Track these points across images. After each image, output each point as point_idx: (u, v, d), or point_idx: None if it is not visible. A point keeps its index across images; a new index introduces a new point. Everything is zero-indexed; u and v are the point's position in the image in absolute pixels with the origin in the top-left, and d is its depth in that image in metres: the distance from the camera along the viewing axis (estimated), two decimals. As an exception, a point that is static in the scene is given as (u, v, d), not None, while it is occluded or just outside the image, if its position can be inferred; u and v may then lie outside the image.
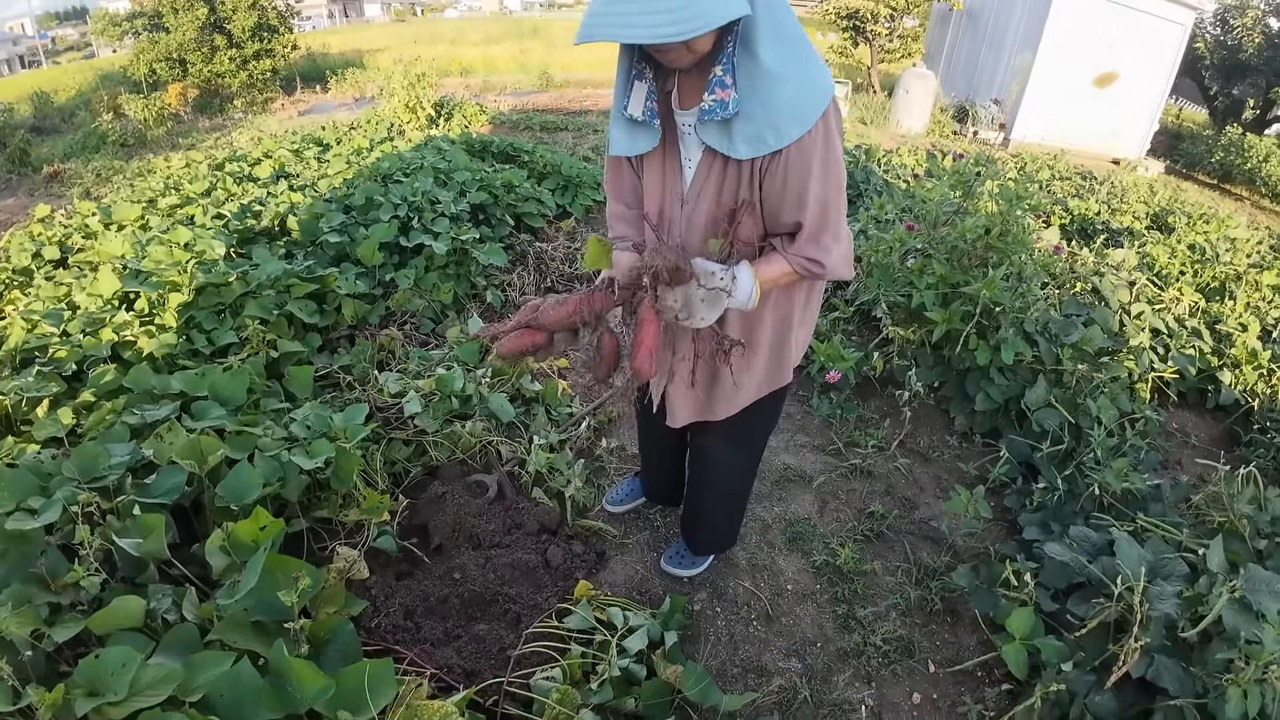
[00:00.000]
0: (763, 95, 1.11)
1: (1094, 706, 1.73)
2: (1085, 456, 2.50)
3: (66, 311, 2.92)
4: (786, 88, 1.10)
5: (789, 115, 1.12)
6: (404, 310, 3.07)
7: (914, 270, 2.86)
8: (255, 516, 1.58)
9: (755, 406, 1.62)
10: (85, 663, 1.20)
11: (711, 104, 1.14)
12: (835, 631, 2.00)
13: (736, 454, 1.79)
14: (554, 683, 1.65)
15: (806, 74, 1.12)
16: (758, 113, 1.13)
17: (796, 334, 1.54)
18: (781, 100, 1.11)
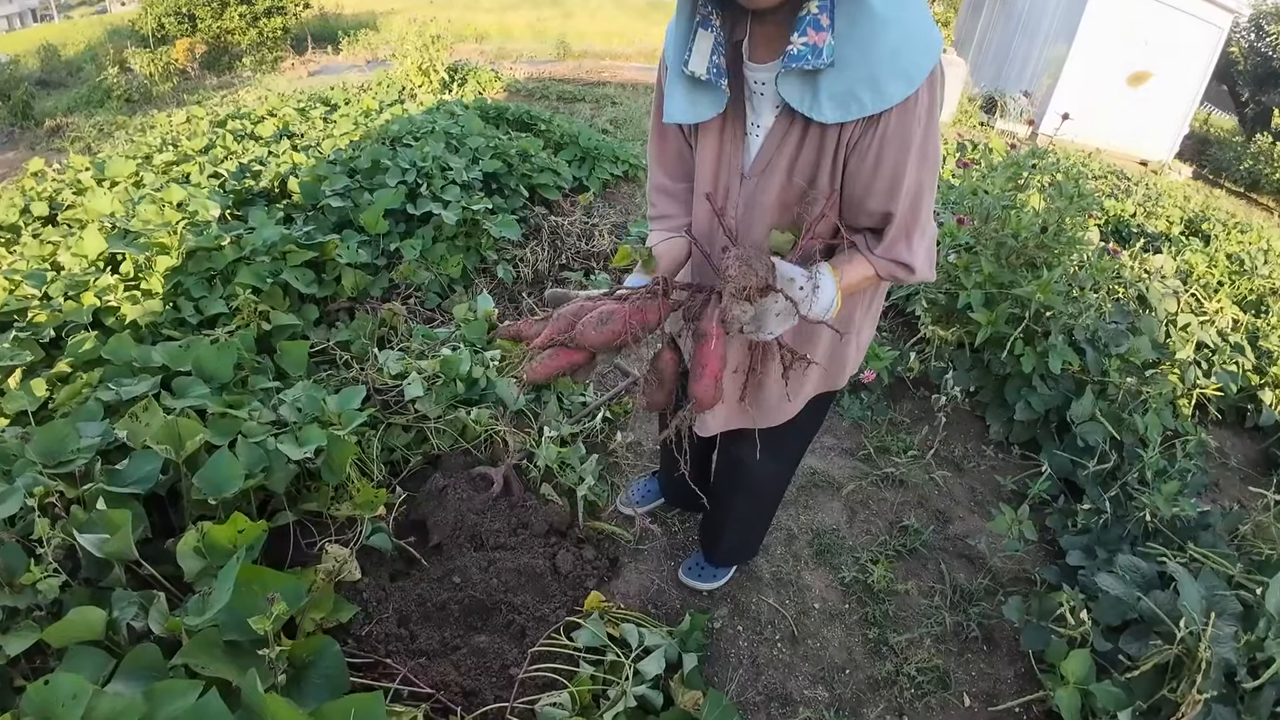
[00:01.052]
0: (863, 39, 0.89)
1: None
2: (1130, 476, 2.33)
3: (50, 272, 2.74)
4: (893, 31, 0.89)
5: (891, 67, 0.90)
6: (409, 283, 2.88)
7: (959, 267, 2.67)
8: (233, 520, 1.40)
9: (801, 412, 1.43)
10: (34, 689, 1.03)
11: (802, 48, 0.91)
12: (865, 657, 1.84)
13: (772, 461, 1.57)
14: (562, 710, 1.48)
15: (920, 16, 0.90)
16: (855, 61, 0.90)
17: (859, 337, 1.35)
18: (886, 47, 0.89)
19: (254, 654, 1.19)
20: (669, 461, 1.94)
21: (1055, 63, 10.60)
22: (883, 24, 0.89)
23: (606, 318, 0.96)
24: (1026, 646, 1.81)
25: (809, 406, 1.44)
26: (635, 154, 4.73)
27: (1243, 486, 2.77)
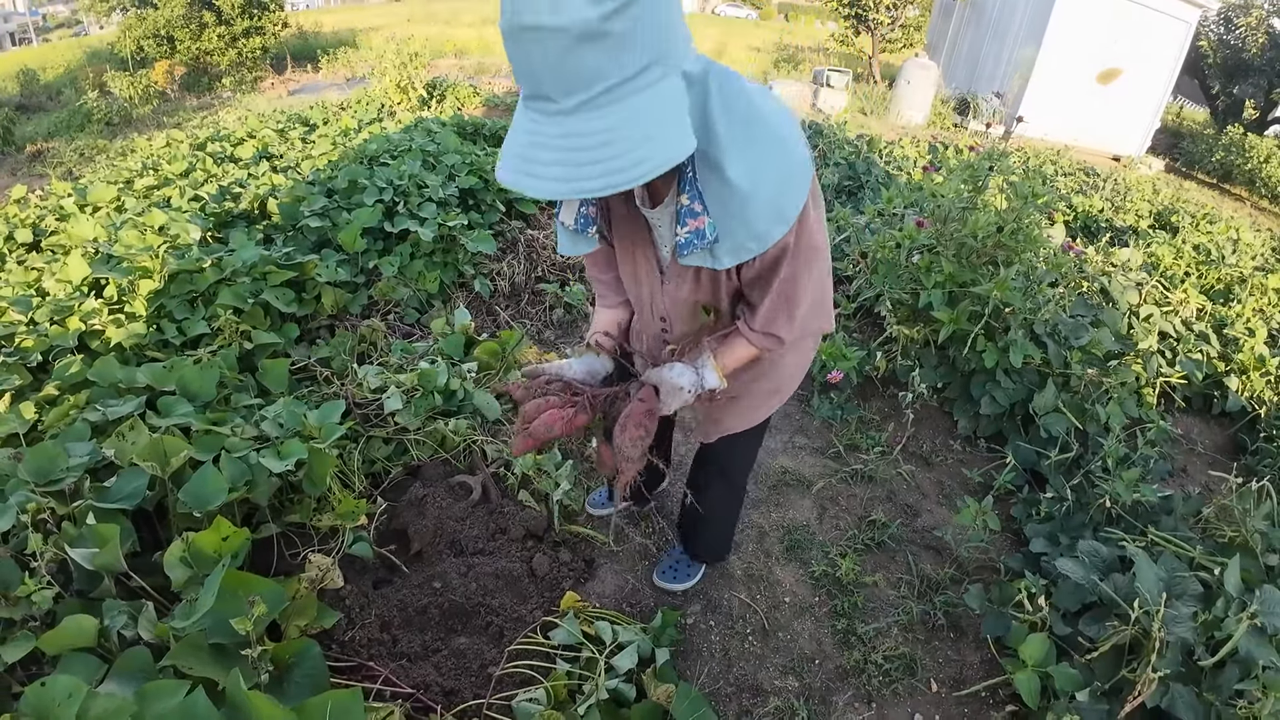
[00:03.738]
0: (736, 211, 0.98)
1: None
2: (1093, 465, 2.41)
3: (36, 298, 2.79)
4: (764, 192, 0.96)
5: (771, 218, 0.99)
6: (387, 299, 2.94)
7: (920, 267, 2.75)
8: (217, 527, 1.47)
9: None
10: (32, 691, 1.08)
11: (688, 236, 1.01)
12: (834, 648, 1.91)
13: (746, 457, 1.74)
14: (538, 705, 1.55)
15: (783, 164, 0.97)
16: (736, 228, 0.99)
17: (799, 357, 1.50)
18: (760, 209, 0.97)
19: (239, 655, 1.25)
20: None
21: (1025, 63, 10.81)
22: (748, 195, 0.95)
23: (551, 425, 1.19)
24: (987, 632, 1.89)
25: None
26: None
27: (1209, 472, 2.85)
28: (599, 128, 0.79)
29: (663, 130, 0.81)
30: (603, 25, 0.74)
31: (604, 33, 0.75)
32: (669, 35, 0.82)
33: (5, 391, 2.22)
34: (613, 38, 0.75)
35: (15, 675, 1.34)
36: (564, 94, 0.79)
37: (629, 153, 0.79)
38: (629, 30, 0.76)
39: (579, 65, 0.76)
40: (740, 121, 0.93)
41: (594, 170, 0.79)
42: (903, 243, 2.75)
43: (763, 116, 0.94)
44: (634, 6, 0.75)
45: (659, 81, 0.81)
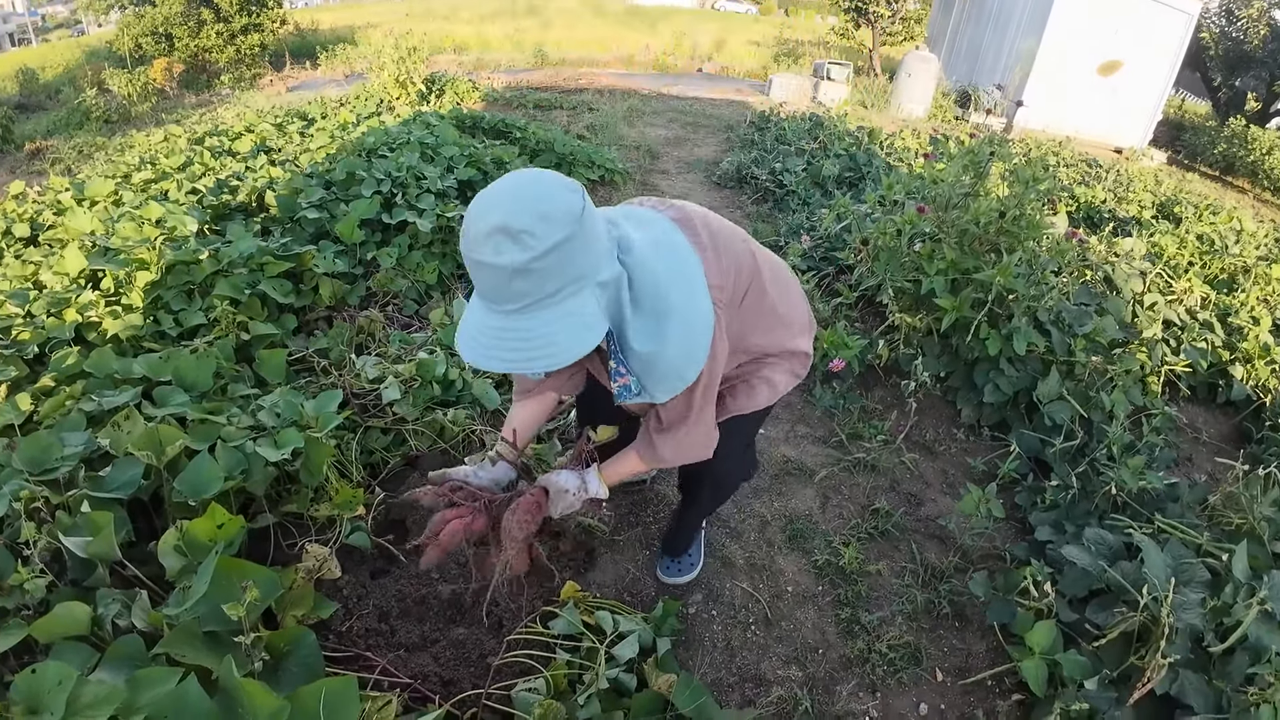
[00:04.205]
0: (654, 369, 1.24)
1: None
2: (1098, 453, 2.39)
3: (33, 291, 2.78)
4: (671, 354, 1.21)
5: (687, 367, 1.25)
6: (386, 291, 2.92)
7: (922, 255, 2.73)
8: (211, 514, 1.45)
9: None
10: (22, 678, 1.06)
11: (620, 390, 1.30)
12: (838, 637, 1.88)
13: (709, 477, 1.73)
14: (537, 695, 1.53)
15: (682, 340, 1.22)
16: (660, 380, 1.26)
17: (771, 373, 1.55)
18: (672, 364, 1.23)
19: (232, 643, 1.23)
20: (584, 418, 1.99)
21: (1026, 55, 10.76)
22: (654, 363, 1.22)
23: (455, 533, 1.43)
24: (992, 620, 1.87)
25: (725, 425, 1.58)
26: (611, 159, 4.79)
27: (1215, 460, 2.83)
28: (524, 327, 1.08)
29: (569, 333, 1.09)
30: (529, 265, 1.02)
31: (530, 270, 1.03)
32: (587, 261, 1.09)
33: (1, 383, 2.21)
34: (536, 273, 1.03)
35: (8, 664, 1.33)
36: (501, 303, 1.08)
37: (543, 346, 1.08)
38: (549, 267, 1.03)
39: (511, 288, 1.05)
40: (646, 311, 1.18)
41: (518, 356, 1.08)
42: (904, 229, 2.72)
43: (666, 305, 1.19)
44: (554, 253, 1.03)
45: (574, 296, 1.09)
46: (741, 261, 1.37)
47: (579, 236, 1.05)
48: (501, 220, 1.01)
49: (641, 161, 5.32)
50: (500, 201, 1.04)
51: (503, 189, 1.06)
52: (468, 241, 1.05)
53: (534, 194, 1.04)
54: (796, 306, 1.55)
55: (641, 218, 1.29)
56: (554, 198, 1.04)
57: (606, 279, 1.13)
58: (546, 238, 1.02)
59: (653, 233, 1.25)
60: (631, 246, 1.19)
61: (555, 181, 1.08)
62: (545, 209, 1.03)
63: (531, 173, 1.09)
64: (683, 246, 1.26)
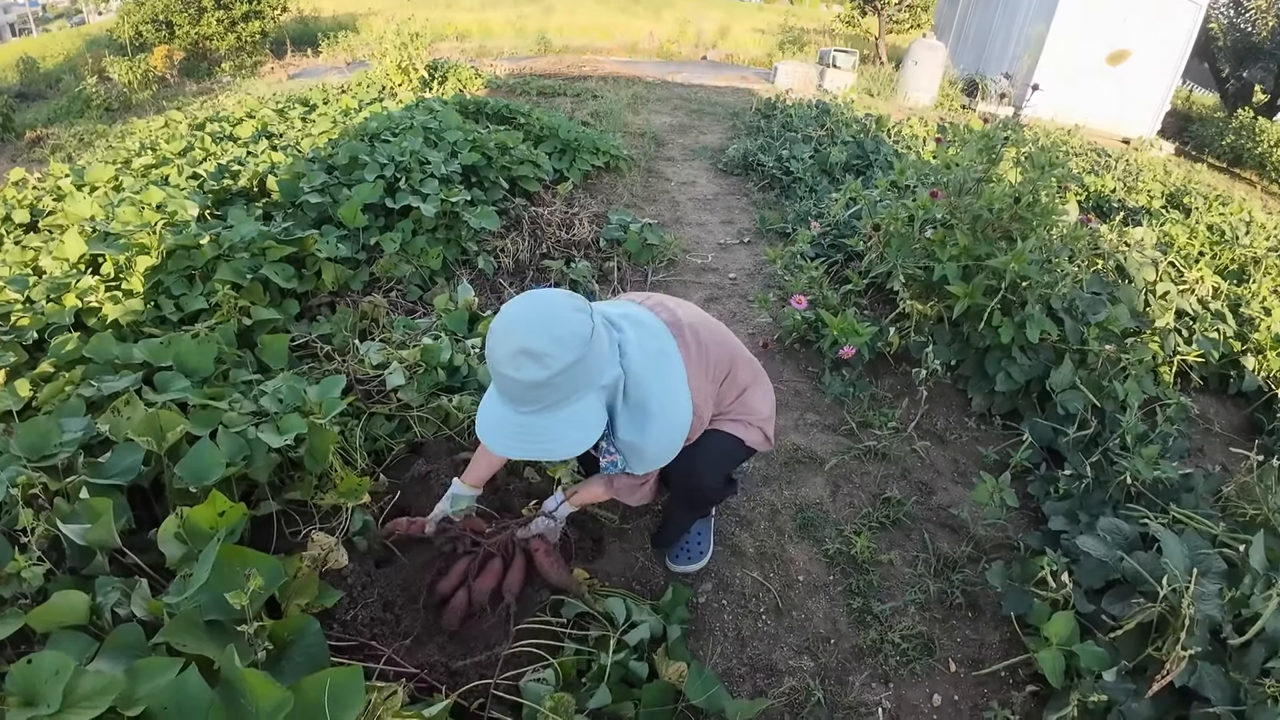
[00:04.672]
0: (636, 453, 1.48)
1: (1129, 713, 1.59)
2: (1111, 442, 2.35)
3: (32, 277, 2.74)
4: (648, 452, 1.46)
5: (664, 456, 1.50)
6: (389, 276, 2.88)
7: (934, 241, 2.68)
8: (212, 501, 1.41)
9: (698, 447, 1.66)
10: (18, 668, 1.03)
11: (608, 464, 1.57)
12: (850, 627, 1.86)
13: (694, 474, 1.73)
14: (546, 685, 1.50)
15: (661, 435, 1.45)
16: (639, 462, 1.50)
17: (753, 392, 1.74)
18: (650, 454, 1.47)
19: (235, 633, 1.19)
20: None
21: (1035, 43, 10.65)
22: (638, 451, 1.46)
23: (484, 588, 1.71)
24: (1008, 611, 1.84)
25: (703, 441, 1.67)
26: (615, 145, 4.74)
27: (1227, 451, 2.79)
28: (538, 425, 1.28)
29: (575, 431, 1.30)
30: (546, 380, 1.22)
31: (546, 384, 1.23)
32: (593, 372, 1.29)
33: (0, 368, 2.17)
34: (550, 386, 1.23)
35: (5, 655, 1.30)
36: (519, 405, 1.28)
37: (553, 442, 1.29)
38: (562, 382, 1.24)
39: (528, 396, 1.25)
40: (635, 407, 1.42)
41: (532, 448, 1.31)
42: (916, 215, 2.68)
43: (648, 409, 1.42)
44: (568, 370, 1.23)
45: (580, 400, 1.29)
46: (722, 365, 1.61)
47: (589, 356, 1.25)
48: (522, 344, 1.20)
49: (646, 148, 5.26)
50: (518, 326, 1.23)
51: (518, 314, 1.25)
52: (494, 358, 1.24)
53: (545, 317, 1.24)
54: (764, 399, 1.77)
55: (641, 320, 1.49)
56: (564, 321, 1.24)
57: (608, 382, 1.35)
58: (561, 359, 1.21)
59: (646, 339, 1.45)
60: (628, 351, 1.41)
61: (565, 304, 1.27)
62: (559, 333, 1.22)
63: (546, 296, 1.28)
64: (672, 354, 1.47)
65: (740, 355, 1.70)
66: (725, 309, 3.19)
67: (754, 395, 1.74)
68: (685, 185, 4.63)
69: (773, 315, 3.08)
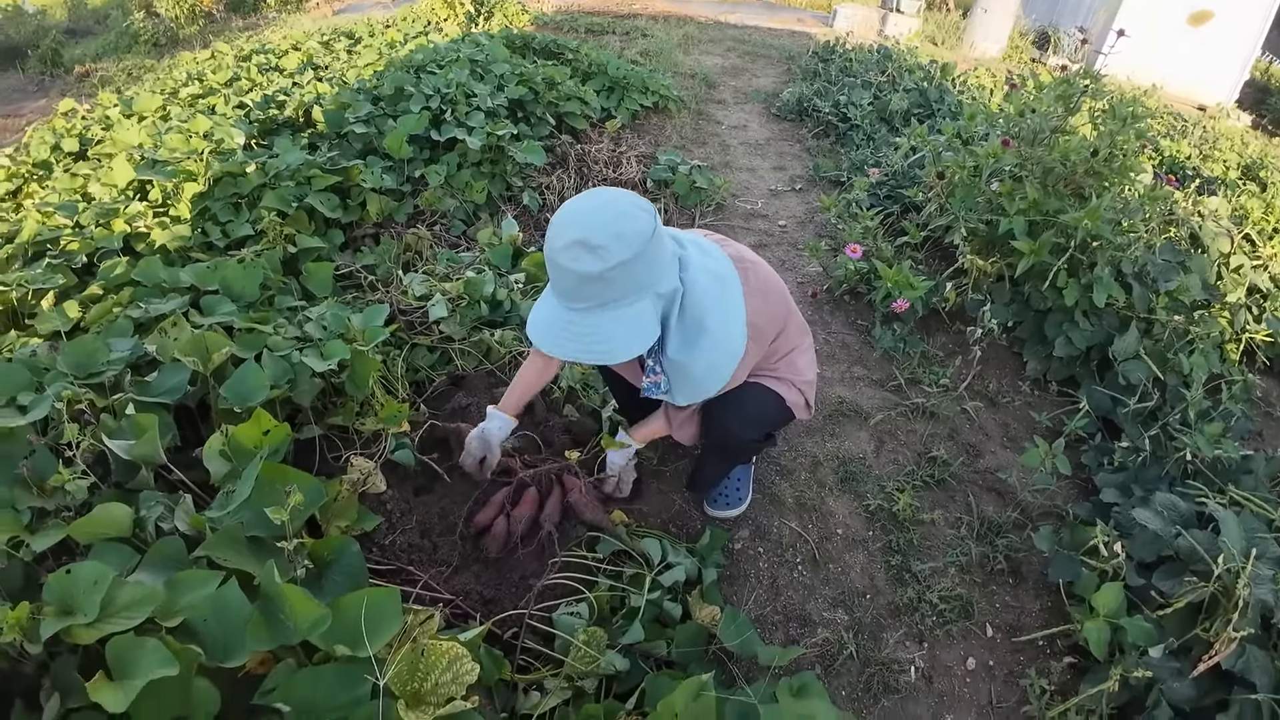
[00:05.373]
0: (681, 376, 1.44)
1: (1169, 692, 1.54)
2: (1172, 417, 2.24)
3: (81, 203, 2.80)
4: (694, 372, 1.42)
5: (711, 381, 1.46)
6: (433, 210, 2.84)
7: (1001, 193, 2.54)
8: (256, 419, 1.41)
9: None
10: (55, 578, 1.04)
11: (649, 385, 1.49)
12: (887, 584, 1.82)
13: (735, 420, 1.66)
14: (579, 619, 1.50)
15: (711, 358, 1.40)
16: (687, 384, 1.46)
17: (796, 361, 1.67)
18: (697, 377, 1.44)
19: (275, 549, 1.20)
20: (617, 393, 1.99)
21: (1114, -4, 9.96)
22: (684, 370, 1.42)
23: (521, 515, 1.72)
24: (1055, 577, 1.78)
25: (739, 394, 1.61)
26: (665, 85, 4.58)
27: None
28: (589, 323, 1.25)
29: (626, 334, 1.25)
30: (601, 273, 1.18)
31: (602, 278, 1.19)
32: (650, 275, 1.25)
33: (50, 290, 2.22)
34: (606, 281, 1.19)
35: (47, 566, 1.32)
36: (572, 301, 1.24)
37: (602, 342, 1.25)
38: (619, 277, 1.19)
39: (583, 291, 1.21)
40: (687, 325, 1.37)
41: (580, 347, 1.26)
42: (984, 164, 2.53)
43: (703, 325, 1.36)
44: (625, 266, 1.19)
45: (634, 303, 1.25)
46: (779, 310, 1.54)
47: (646, 254, 1.21)
48: (581, 235, 1.17)
49: (697, 90, 5.08)
50: (581, 218, 1.19)
51: (585, 206, 1.22)
52: (550, 247, 1.21)
53: (613, 214, 1.20)
54: (810, 364, 1.71)
55: (706, 246, 1.44)
56: (629, 219, 1.20)
57: (665, 291, 1.31)
58: (619, 253, 1.17)
59: (710, 262, 1.40)
60: (689, 267, 1.36)
61: (631, 203, 1.23)
62: (621, 228, 1.18)
63: (611, 193, 1.25)
64: (733, 282, 1.41)
65: (794, 313, 1.65)
66: (774, 256, 3.09)
67: (801, 357, 1.69)
68: (736, 129, 4.48)
69: (823, 265, 2.98)
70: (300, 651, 1.08)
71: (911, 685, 1.63)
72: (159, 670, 0.95)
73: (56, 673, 1.02)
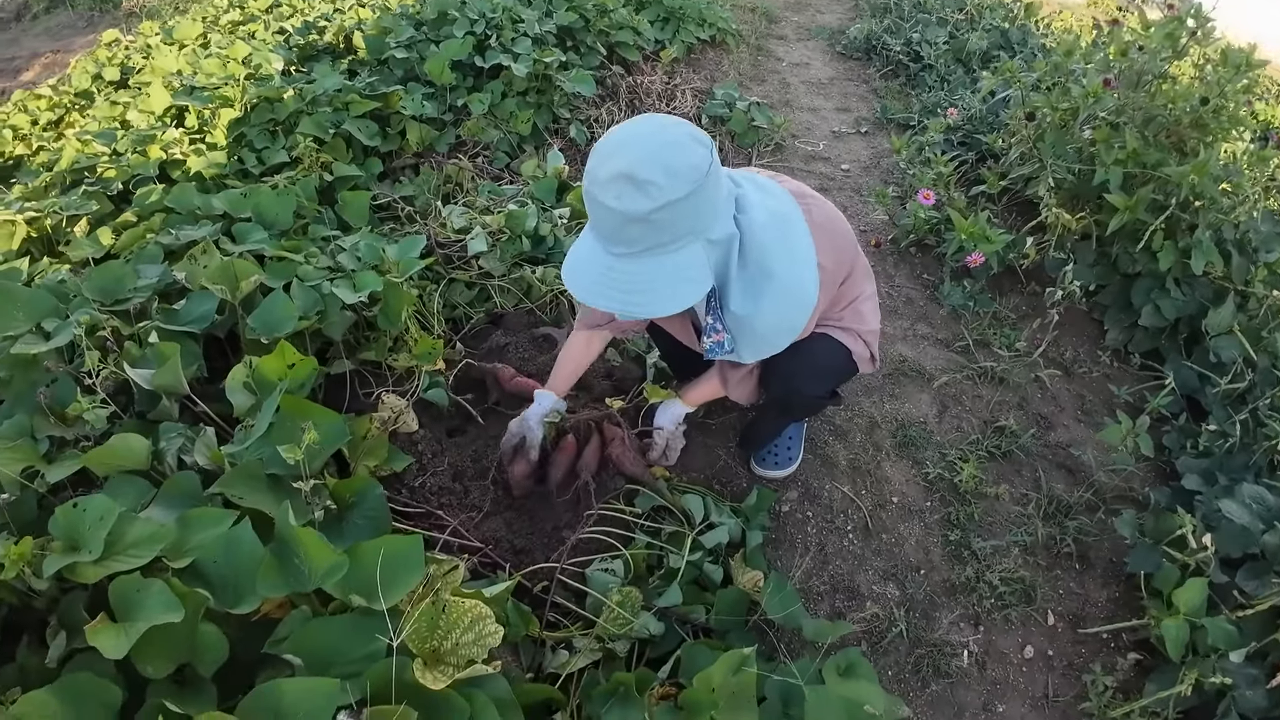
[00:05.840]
0: (748, 332, 1.27)
1: (1241, 701, 1.40)
2: (1262, 401, 2.02)
3: (120, 131, 2.77)
4: (767, 320, 1.24)
5: (781, 336, 1.29)
6: (476, 140, 2.71)
7: (1097, 140, 2.29)
8: (281, 351, 1.33)
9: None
10: (62, 511, 0.98)
11: (712, 346, 1.30)
12: (943, 559, 1.69)
13: (797, 378, 1.52)
14: (614, 576, 1.41)
15: (780, 310, 1.24)
16: (754, 341, 1.29)
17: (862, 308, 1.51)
18: (765, 331, 1.26)
19: (295, 489, 1.13)
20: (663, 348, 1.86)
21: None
22: (749, 325, 1.24)
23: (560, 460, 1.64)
24: (1135, 568, 1.62)
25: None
26: (724, 18, 4.30)
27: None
28: (630, 271, 1.09)
29: (672, 285, 1.10)
30: (649, 214, 1.02)
31: (647, 219, 1.03)
32: (702, 218, 1.09)
33: (83, 217, 2.20)
34: (651, 223, 1.04)
35: (64, 496, 1.27)
36: (613, 245, 1.09)
37: (645, 293, 1.10)
38: (665, 219, 1.04)
39: (625, 233, 1.06)
40: (752, 273, 1.20)
41: (620, 298, 1.11)
42: (1082, 105, 2.27)
43: (769, 272, 1.20)
44: (675, 206, 1.03)
45: (683, 249, 1.10)
46: (846, 251, 1.38)
47: (700, 194, 1.05)
48: (627, 167, 1.01)
49: (756, 25, 4.77)
50: (629, 146, 1.03)
51: (633, 133, 1.06)
52: (591, 180, 1.06)
53: (663, 143, 1.03)
54: (875, 313, 1.56)
55: (764, 185, 1.28)
56: (684, 151, 1.04)
57: (719, 237, 1.15)
58: (669, 191, 1.01)
59: (772, 201, 1.24)
60: (748, 207, 1.19)
61: (686, 134, 1.06)
62: (673, 162, 1.02)
63: (664, 120, 1.08)
64: (798, 221, 1.25)
65: (860, 256, 1.49)
66: (836, 202, 2.84)
67: (867, 305, 1.53)
68: (798, 67, 4.20)
69: (889, 213, 2.77)
70: (314, 599, 1.01)
71: (963, 670, 1.52)
72: (162, 615, 0.89)
73: (64, 610, 0.97)
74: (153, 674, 0.94)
